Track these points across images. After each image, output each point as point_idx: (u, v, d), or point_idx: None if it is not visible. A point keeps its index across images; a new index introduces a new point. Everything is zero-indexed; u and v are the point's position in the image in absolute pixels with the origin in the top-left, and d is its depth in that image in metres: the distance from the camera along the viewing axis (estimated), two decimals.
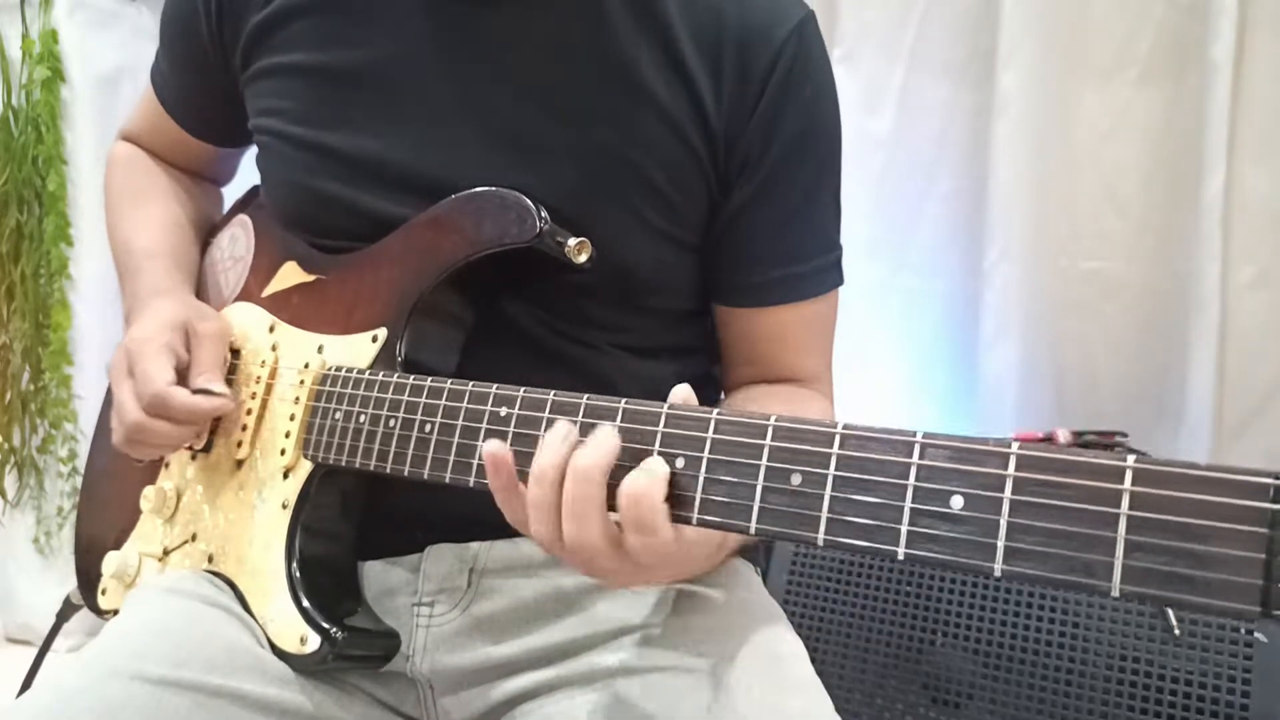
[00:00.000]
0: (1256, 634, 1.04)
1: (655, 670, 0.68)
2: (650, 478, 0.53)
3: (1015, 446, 0.42)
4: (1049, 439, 1.25)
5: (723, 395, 0.88)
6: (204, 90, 0.89)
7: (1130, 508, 0.39)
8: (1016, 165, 1.38)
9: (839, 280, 0.83)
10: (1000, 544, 0.42)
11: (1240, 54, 1.28)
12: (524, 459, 0.61)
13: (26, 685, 1.16)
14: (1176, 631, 1.06)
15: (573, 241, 0.71)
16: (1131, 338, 1.39)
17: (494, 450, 0.57)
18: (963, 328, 1.46)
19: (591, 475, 0.54)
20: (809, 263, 0.80)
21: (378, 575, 0.78)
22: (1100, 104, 1.37)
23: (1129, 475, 0.39)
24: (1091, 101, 1.37)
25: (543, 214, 0.70)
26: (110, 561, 0.86)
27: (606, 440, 0.54)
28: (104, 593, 0.87)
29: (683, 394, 0.56)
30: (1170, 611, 1.07)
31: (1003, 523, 0.42)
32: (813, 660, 0.72)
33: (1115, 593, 0.38)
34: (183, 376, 0.78)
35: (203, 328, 0.80)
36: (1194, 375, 1.31)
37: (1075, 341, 1.41)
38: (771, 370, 0.83)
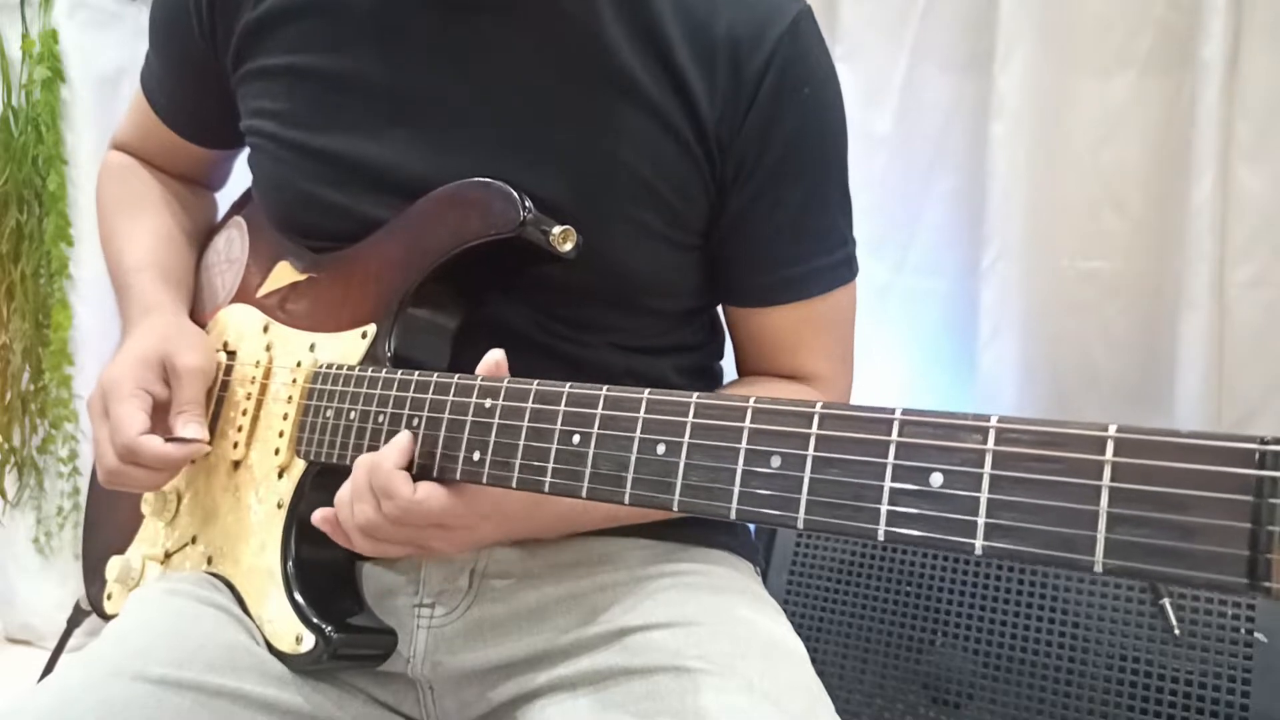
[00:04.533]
0: (1256, 634, 1.02)
1: (657, 671, 0.67)
2: (387, 448, 0.65)
3: (994, 420, 0.41)
4: None
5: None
6: (196, 92, 0.88)
7: (1112, 479, 0.38)
8: (1015, 165, 1.37)
9: (850, 274, 0.82)
10: (981, 521, 0.41)
11: (1237, 53, 1.27)
12: (510, 450, 0.60)
13: None
14: (1176, 631, 1.05)
15: (557, 230, 0.70)
16: (1129, 337, 1.38)
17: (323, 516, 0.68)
18: (961, 327, 1.45)
19: (342, 499, 0.66)
20: (816, 261, 0.80)
21: (377, 576, 0.78)
22: (1099, 103, 1.36)
23: (1110, 445, 0.38)
24: (1090, 101, 1.36)
25: (526, 203, 0.69)
26: (113, 566, 0.86)
27: (357, 471, 0.66)
28: (109, 597, 0.87)
29: (495, 359, 0.65)
30: (1170, 611, 1.05)
31: (983, 499, 0.41)
32: (813, 660, 0.71)
33: (1098, 568, 0.37)
34: (163, 409, 0.78)
35: (181, 363, 0.78)
36: (1192, 374, 1.30)
37: (1073, 341, 1.40)
38: (782, 369, 0.83)
